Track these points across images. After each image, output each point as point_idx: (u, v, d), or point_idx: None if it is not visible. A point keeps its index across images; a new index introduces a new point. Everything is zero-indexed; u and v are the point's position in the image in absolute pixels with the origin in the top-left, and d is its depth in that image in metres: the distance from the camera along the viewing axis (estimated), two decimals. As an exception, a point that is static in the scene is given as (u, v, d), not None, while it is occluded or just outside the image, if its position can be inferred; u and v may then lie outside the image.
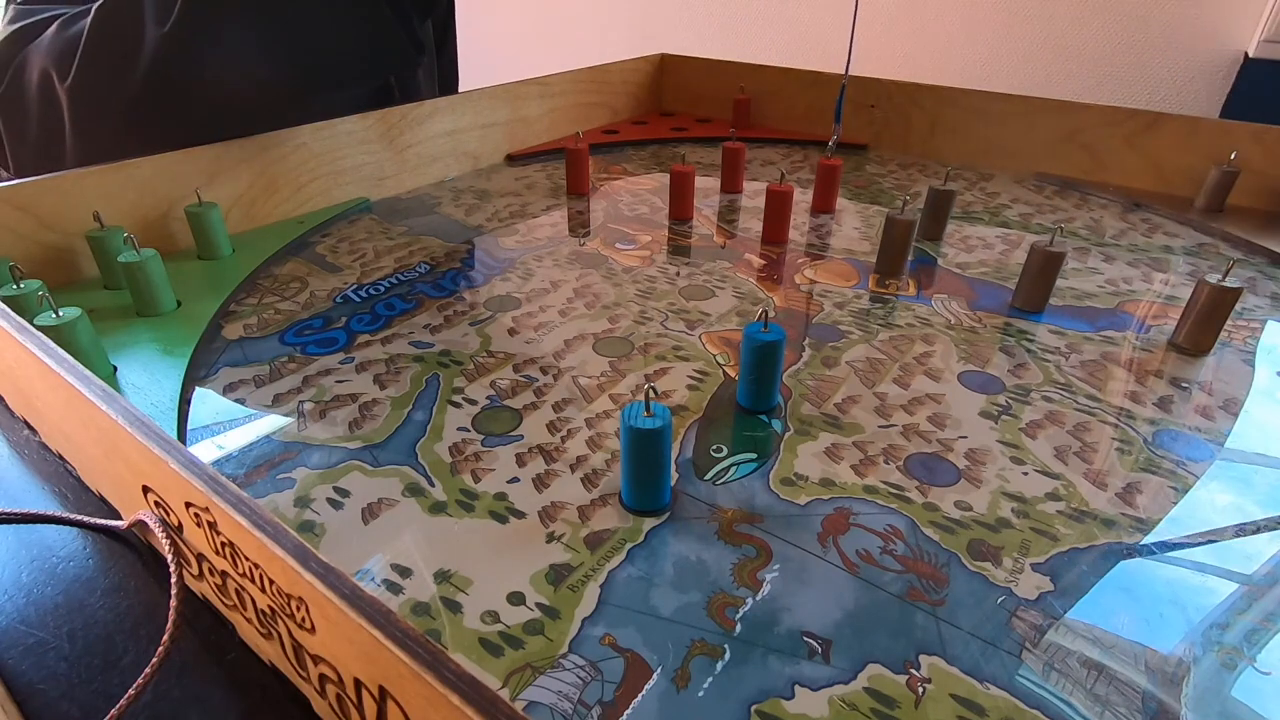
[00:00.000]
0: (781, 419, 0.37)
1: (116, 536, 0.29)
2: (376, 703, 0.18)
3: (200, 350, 0.42)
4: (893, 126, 0.81)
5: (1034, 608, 0.27)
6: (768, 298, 0.49)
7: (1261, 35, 1.24)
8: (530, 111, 0.78)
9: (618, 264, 0.54)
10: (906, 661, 0.25)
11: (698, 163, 0.78)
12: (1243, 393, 0.39)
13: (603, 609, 0.26)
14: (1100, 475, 0.33)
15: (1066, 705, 0.23)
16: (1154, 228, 0.61)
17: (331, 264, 0.53)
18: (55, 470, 0.32)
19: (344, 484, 0.32)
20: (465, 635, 0.25)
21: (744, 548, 0.29)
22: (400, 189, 0.68)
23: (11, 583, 0.27)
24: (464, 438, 0.35)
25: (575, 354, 0.42)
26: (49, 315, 0.36)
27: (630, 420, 0.29)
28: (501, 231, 0.59)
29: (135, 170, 0.50)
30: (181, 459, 0.21)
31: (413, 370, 0.40)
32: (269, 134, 0.57)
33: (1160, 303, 0.49)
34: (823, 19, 1.70)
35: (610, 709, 0.23)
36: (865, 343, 0.44)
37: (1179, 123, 0.66)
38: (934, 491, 0.32)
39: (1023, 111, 0.73)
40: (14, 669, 0.24)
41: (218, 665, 0.24)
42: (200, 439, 0.35)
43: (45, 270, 0.46)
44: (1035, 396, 0.39)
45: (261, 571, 0.20)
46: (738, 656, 0.25)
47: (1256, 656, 0.25)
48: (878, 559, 0.29)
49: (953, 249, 0.57)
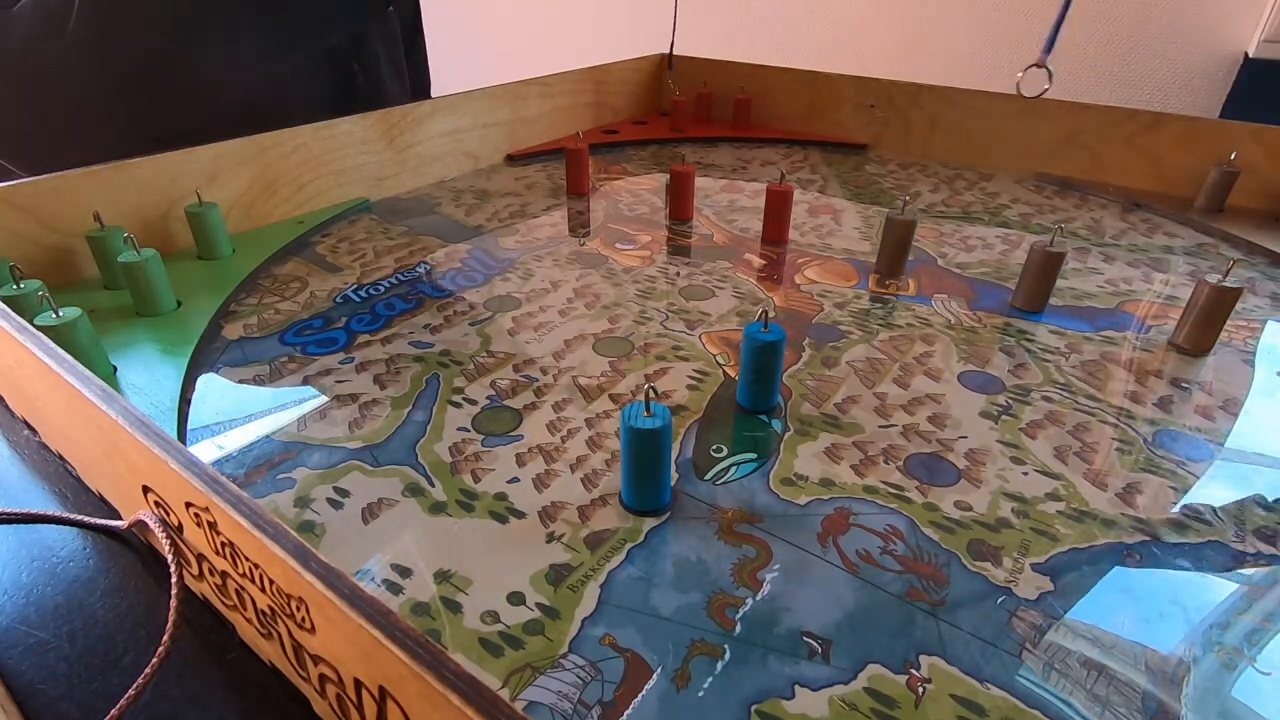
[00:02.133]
0: (781, 419, 0.37)
1: (116, 536, 0.29)
2: (376, 703, 0.18)
3: (200, 350, 0.42)
4: (893, 126, 0.81)
5: (1034, 608, 0.27)
6: (768, 298, 0.49)
7: (1261, 35, 1.24)
8: (530, 111, 0.78)
9: (618, 264, 0.54)
10: (906, 661, 0.25)
11: (698, 163, 0.78)
12: (1243, 393, 0.39)
13: (603, 609, 0.26)
14: (1100, 475, 0.33)
15: (1066, 705, 0.23)
16: (1154, 228, 0.61)
17: (331, 264, 0.53)
18: (55, 470, 0.32)
19: (344, 484, 0.32)
20: (465, 635, 0.25)
21: (744, 548, 0.29)
22: (400, 189, 0.68)
23: (11, 583, 0.27)
24: (464, 438, 0.35)
25: (575, 354, 0.42)
26: (49, 315, 0.36)
27: (630, 420, 0.29)
28: (501, 231, 0.59)
29: (135, 170, 0.50)
30: (181, 459, 0.21)
31: (413, 370, 0.40)
32: (269, 134, 0.57)
33: (1160, 303, 0.49)
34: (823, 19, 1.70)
35: (610, 709, 0.23)
36: (865, 343, 0.44)
37: (1179, 123, 0.66)
38: (934, 491, 0.32)
39: (1023, 111, 0.73)
40: (14, 669, 0.24)
41: (218, 665, 0.24)
42: (200, 439, 0.35)
43: (45, 270, 0.46)
44: (1035, 396, 0.39)
45: (261, 571, 0.20)
46: (738, 656, 0.25)
47: (1256, 656, 0.25)
48: (878, 559, 0.29)
49: (953, 249, 0.57)
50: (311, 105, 0.71)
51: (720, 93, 0.90)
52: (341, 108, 0.74)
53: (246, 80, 0.63)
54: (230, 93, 0.63)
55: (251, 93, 0.66)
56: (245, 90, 0.65)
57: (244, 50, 0.59)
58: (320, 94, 0.73)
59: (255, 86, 0.66)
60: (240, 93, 0.65)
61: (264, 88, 0.67)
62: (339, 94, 0.75)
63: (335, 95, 0.75)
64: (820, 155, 0.80)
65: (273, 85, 0.67)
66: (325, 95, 0.73)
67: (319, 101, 0.73)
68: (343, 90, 0.75)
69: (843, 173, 0.75)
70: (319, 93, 0.72)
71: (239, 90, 0.64)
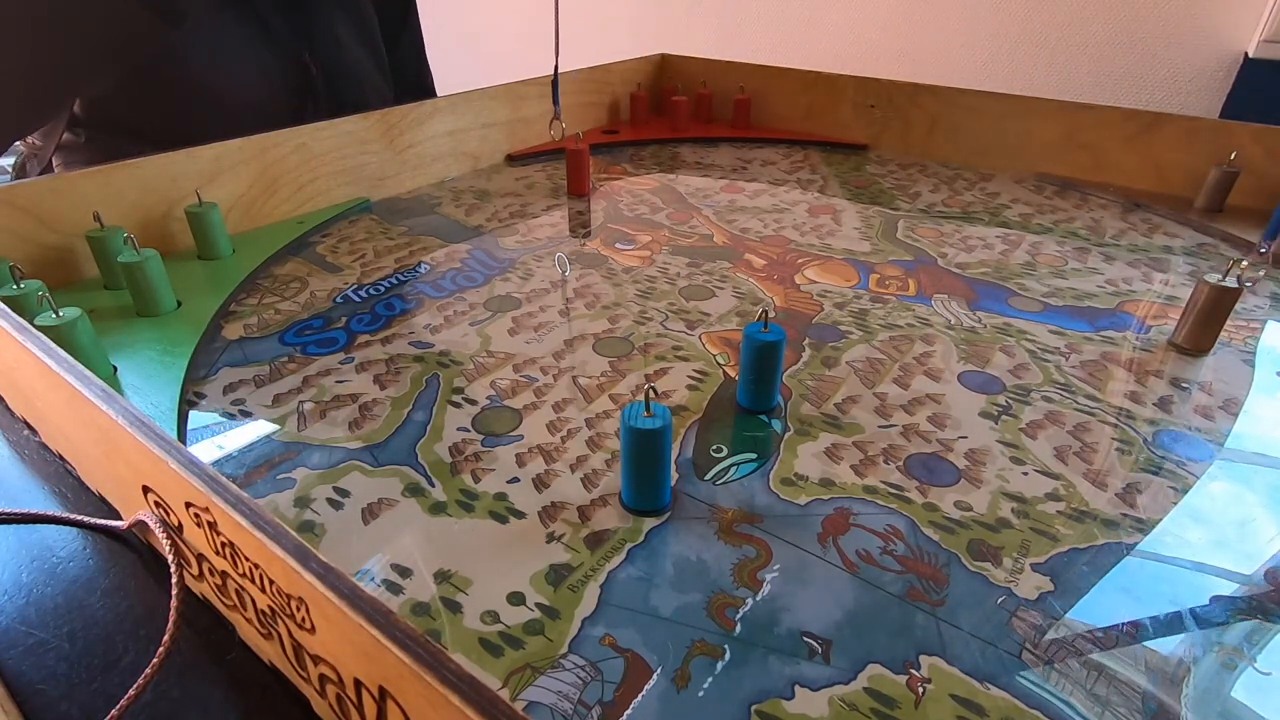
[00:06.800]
0: (781, 419, 0.37)
1: (116, 536, 0.29)
2: (376, 703, 0.18)
3: (200, 350, 0.42)
4: (893, 126, 0.81)
5: (1034, 608, 0.27)
6: (768, 298, 0.49)
7: (1261, 35, 1.24)
8: (530, 111, 0.78)
9: (618, 264, 0.54)
10: (906, 661, 0.25)
11: (697, 163, 0.78)
12: (1243, 393, 0.39)
13: (603, 609, 0.26)
14: (1100, 475, 0.33)
15: (1066, 705, 0.23)
16: (1154, 228, 0.61)
17: (331, 264, 0.53)
18: (55, 470, 0.32)
19: (344, 484, 0.32)
20: (465, 635, 0.25)
21: (744, 548, 0.29)
22: (400, 189, 0.68)
23: (11, 583, 0.27)
24: (464, 438, 0.35)
25: (575, 354, 0.42)
26: (49, 315, 0.36)
27: (630, 420, 0.29)
28: (501, 231, 0.59)
29: (135, 170, 0.50)
30: (181, 459, 0.21)
31: (413, 370, 0.40)
32: (269, 134, 0.57)
33: (1160, 303, 0.49)
34: (824, 19, 1.70)
35: (610, 709, 0.23)
36: (865, 343, 0.44)
37: (1179, 123, 0.66)
38: (934, 491, 0.32)
39: (1023, 111, 0.73)
40: (14, 669, 0.24)
41: (218, 665, 0.24)
42: (200, 439, 0.35)
43: (45, 270, 0.46)
44: (1035, 396, 0.39)
45: (261, 571, 0.20)
46: (738, 656, 0.25)
47: (1256, 656, 0.25)
48: (878, 559, 0.29)
49: (953, 249, 0.57)
50: (265, 107, 0.70)
51: (720, 93, 0.90)
52: (298, 106, 0.72)
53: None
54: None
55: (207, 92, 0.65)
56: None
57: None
58: (272, 94, 0.71)
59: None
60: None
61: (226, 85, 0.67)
62: (295, 93, 0.72)
63: (292, 94, 0.72)
64: (820, 155, 0.80)
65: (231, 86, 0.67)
66: (279, 94, 0.71)
67: (273, 103, 0.70)
68: (299, 88, 0.72)
69: (843, 173, 0.75)
70: (270, 93, 0.71)
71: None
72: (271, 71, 0.70)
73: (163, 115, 0.67)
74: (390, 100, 0.83)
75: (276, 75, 0.71)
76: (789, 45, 1.77)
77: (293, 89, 0.72)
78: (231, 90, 0.68)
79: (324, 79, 0.73)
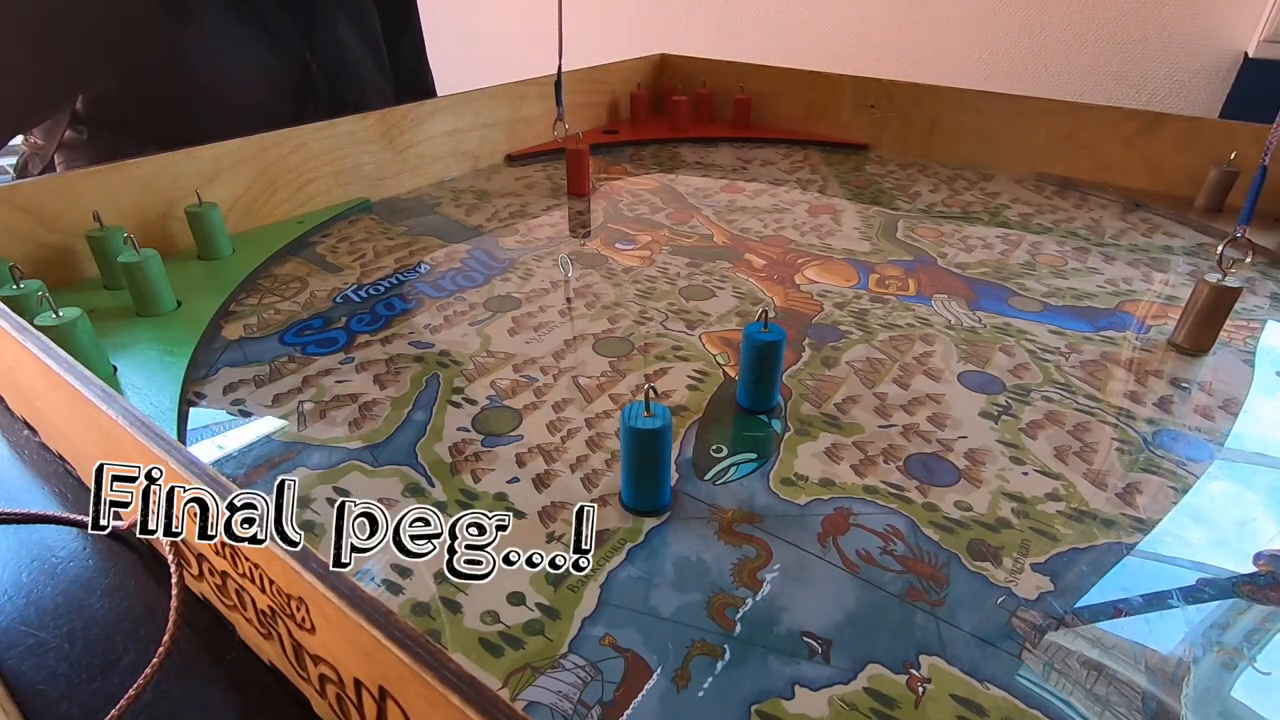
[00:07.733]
0: (781, 419, 0.37)
1: (116, 536, 0.29)
2: (376, 703, 0.18)
3: (200, 350, 0.42)
4: (893, 126, 0.81)
5: (1034, 608, 0.27)
6: (768, 298, 0.49)
7: (1261, 35, 1.24)
8: (530, 111, 0.78)
9: (618, 264, 0.54)
10: (906, 661, 0.25)
11: (697, 163, 0.78)
12: (1242, 393, 0.39)
13: (603, 609, 0.26)
14: (1100, 475, 0.33)
15: (1066, 705, 0.23)
16: (1154, 228, 0.61)
17: (331, 264, 0.53)
18: (55, 470, 0.32)
19: (344, 484, 0.32)
20: (465, 635, 0.25)
21: (744, 548, 0.29)
22: (400, 189, 0.68)
23: (11, 583, 0.27)
24: (464, 438, 0.35)
25: (575, 354, 0.42)
26: (49, 315, 0.36)
27: (630, 420, 0.29)
28: (501, 231, 0.59)
29: (135, 170, 0.50)
30: (181, 459, 0.21)
31: (413, 370, 0.40)
32: (269, 134, 0.57)
33: (1160, 303, 0.49)
34: (824, 19, 1.70)
35: (610, 709, 0.23)
36: (865, 343, 0.44)
37: (1179, 123, 0.66)
38: (934, 491, 0.32)
39: (1023, 111, 0.73)
40: (14, 669, 0.24)
41: (218, 665, 0.24)
42: (200, 439, 0.35)
43: (45, 270, 0.46)
44: (1035, 396, 0.39)
45: (261, 571, 0.20)
46: (738, 656, 0.25)
47: (1256, 656, 0.25)
48: (878, 559, 0.29)
49: (952, 249, 0.57)
50: (265, 107, 0.70)
51: (720, 93, 0.90)
52: (298, 106, 0.72)
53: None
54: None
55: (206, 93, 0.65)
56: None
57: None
58: (273, 94, 0.71)
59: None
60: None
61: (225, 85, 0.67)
62: (296, 93, 0.72)
63: (293, 94, 0.72)
64: (820, 155, 0.80)
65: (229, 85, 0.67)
66: (280, 94, 0.71)
67: (273, 103, 0.70)
68: (300, 88, 0.72)
69: (843, 173, 0.75)
70: (270, 93, 0.70)
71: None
72: (273, 71, 0.70)
73: (164, 114, 0.67)
74: (391, 100, 0.83)
75: (278, 75, 0.71)
76: (789, 45, 1.77)
77: (294, 88, 0.72)
78: (233, 89, 0.68)
79: (325, 79, 0.73)
